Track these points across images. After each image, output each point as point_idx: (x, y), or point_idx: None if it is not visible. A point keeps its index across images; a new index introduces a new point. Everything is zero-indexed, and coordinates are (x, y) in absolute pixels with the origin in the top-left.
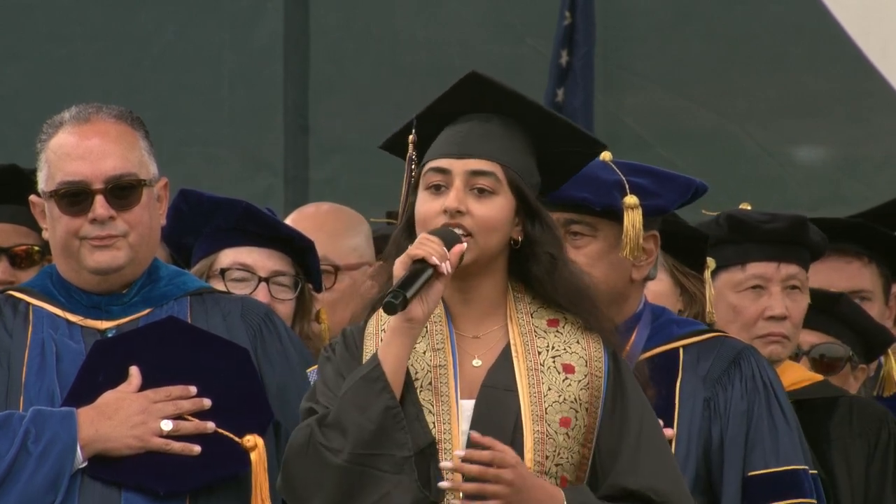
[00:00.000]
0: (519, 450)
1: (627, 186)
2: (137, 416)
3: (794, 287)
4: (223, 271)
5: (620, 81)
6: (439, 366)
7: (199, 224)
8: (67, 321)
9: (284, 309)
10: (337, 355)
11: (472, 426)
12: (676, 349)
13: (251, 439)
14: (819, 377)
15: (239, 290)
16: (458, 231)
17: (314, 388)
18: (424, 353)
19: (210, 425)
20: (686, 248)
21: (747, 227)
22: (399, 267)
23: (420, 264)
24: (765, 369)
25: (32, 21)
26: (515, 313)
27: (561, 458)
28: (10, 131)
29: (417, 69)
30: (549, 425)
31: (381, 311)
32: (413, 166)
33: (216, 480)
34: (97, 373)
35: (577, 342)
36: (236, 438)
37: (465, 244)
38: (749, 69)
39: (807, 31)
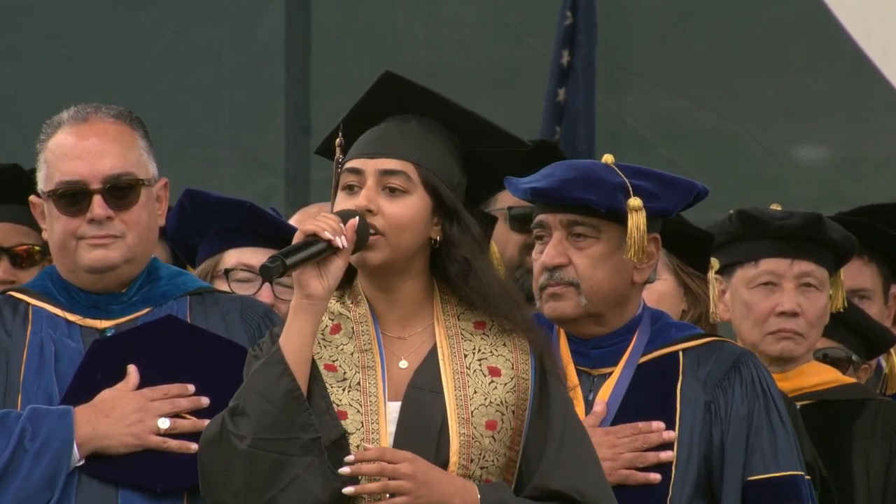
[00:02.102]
0: (444, 452)
1: (631, 189)
2: (134, 414)
3: (808, 285)
4: (227, 272)
5: (621, 82)
6: (367, 367)
7: (204, 224)
8: (66, 321)
9: (288, 309)
10: (264, 352)
11: (398, 428)
12: (676, 352)
13: None
14: (850, 379)
15: (243, 290)
16: (371, 231)
17: (241, 388)
18: (352, 353)
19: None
20: (690, 249)
21: (759, 223)
22: (294, 241)
23: (312, 238)
24: (763, 374)
25: (32, 21)
26: (442, 315)
27: (486, 460)
28: (11, 131)
29: (417, 69)
30: (475, 428)
31: None
32: (340, 169)
33: None
34: (95, 371)
35: (504, 345)
36: None
37: (357, 218)
38: (750, 70)
39: (808, 32)
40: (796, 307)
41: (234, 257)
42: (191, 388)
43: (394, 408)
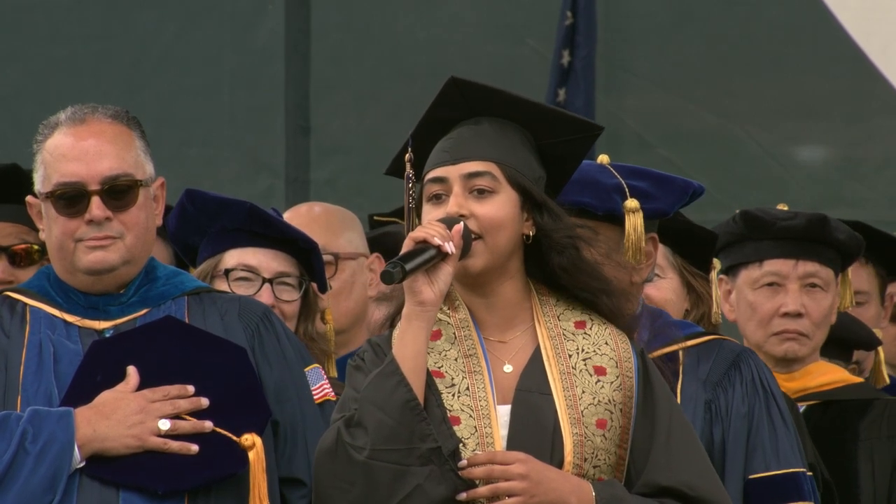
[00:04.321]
0: (558, 453)
1: (627, 190)
2: (135, 415)
3: (813, 285)
4: (227, 272)
5: (621, 82)
6: (474, 371)
7: (205, 224)
8: (65, 321)
9: (289, 310)
10: (367, 363)
11: (511, 431)
12: (676, 352)
13: (249, 438)
14: (857, 379)
15: (243, 290)
16: (472, 236)
17: (344, 399)
18: (457, 359)
19: (208, 424)
20: (694, 248)
21: (763, 223)
22: (403, 249)
23: (423, 245)
24: (763, 372)
25: (32, 21)
26: (542, 316)
27: (598, 459)
28: (11, 131)
29: (417, 70)
30: (586, 427)
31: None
32: (410, 185)
33: (214, 480)
34: (95, 373)
35: (606, 343)
36: (234, 437)
37: (462, 224)
38: (750, 70)
39: (808, 32)
40: (800, 308)
41: (234, 257)
42: (190, 388)
43: (504, 411)
